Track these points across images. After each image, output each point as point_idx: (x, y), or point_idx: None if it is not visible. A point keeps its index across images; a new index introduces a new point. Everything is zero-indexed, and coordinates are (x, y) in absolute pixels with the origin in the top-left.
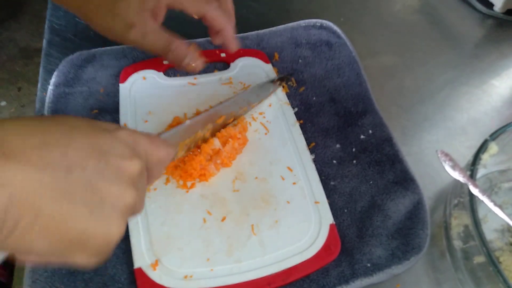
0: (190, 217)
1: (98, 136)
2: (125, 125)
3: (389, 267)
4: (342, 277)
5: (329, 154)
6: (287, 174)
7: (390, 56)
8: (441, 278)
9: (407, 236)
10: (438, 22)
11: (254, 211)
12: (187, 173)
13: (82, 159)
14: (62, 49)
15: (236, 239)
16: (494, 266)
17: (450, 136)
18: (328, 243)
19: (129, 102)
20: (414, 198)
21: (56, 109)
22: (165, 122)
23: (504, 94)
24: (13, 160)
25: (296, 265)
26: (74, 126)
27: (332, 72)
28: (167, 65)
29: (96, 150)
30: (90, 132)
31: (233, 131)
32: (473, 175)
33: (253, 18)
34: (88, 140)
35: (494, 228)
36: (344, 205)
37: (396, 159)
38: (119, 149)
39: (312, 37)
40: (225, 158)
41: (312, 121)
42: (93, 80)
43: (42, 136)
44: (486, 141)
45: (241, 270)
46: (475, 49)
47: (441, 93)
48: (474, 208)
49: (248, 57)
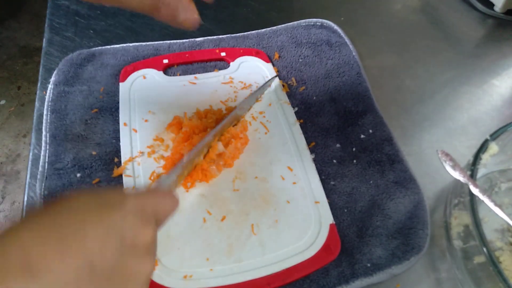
0: (189, 216)
1: (109, 217)
2: (125, 124)
3: (389, 267)
4: (342, 277)
5: (329, 154)
6: (287, 173)
7: (391, 56)
8: (441, 278)
9: (407, 236)
10: (439, 22)
11: (254, 211)
12: (187, 176)
13: (101, 249)
14: (62, 48)
15: (236, 239)
16: (494, 266)
17: (450, 136)
18: (328, 243)
19: (129, 101)
20: (414, 198)
21: (56, 108)
22: (165, 121)
23: (505, 94)
24: (37, 275)
25: (296, 265)
26: (84, 211)
27: (332, 72)
28: (167, 64)
29: (110, 233)
30: (101, 215)
31: (235, 131)
32: (473, 175)
33: (254, 18)
34: (101, 226)
35: (494, 228)
36: (344, 205)
37: (396, 158)
38: (130, 223)
39: (313, 36)
40: (228, 159)
41: (312, 121)
42: (93, 79)
43: (59, 237)
44: (487, 141)
45: (241, 270)
46: (476, 48)
47: (442, 92)
48: (474, 208)
49: (249, 56)
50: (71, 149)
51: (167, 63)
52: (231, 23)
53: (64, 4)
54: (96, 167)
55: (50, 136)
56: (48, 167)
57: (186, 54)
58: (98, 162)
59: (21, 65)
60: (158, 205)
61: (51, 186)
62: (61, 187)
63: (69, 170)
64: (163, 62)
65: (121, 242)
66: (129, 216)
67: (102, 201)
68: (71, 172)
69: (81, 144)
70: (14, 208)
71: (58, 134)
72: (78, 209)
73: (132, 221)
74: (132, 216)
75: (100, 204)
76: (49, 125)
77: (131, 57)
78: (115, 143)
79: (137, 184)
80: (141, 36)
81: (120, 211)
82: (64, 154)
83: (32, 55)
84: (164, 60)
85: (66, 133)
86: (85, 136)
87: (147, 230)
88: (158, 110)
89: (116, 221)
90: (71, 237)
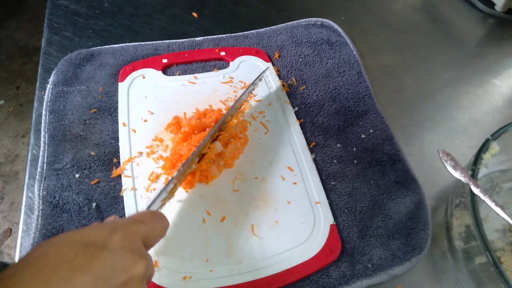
0: (189, 217)
1: (97, 260)
2: (124, 124)
3: (390, 267)
4: (342, 277)
5: (329, 154)
6: (287, 173)
7: (391, 55)
8: (442, 278)
9: (408, 236)
10: (439, 21)
11: (254, 211)
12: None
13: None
14: (61, 47)
15: (236, 240)
16: (496, 266)
17: (451, 136)
18: (329, 243)
19: (128, 101)
20: (415, 198)
21: (55, 108)
22: (164, 121)
23: (506, 93)
24: None
25: (297, 266)
26: (70, 258)
27: (332, 71)
28: (166, 64)
29: (100, 280)
30: (88, 260)
31: (234, 131)
32: (474, 175)
33: (253, 17)
34: (90, 273)
35: (496, 228)
36: (345, 205)
37: (397, 158)
38: (120, 262)
39: (313, 35)
40: (228, 159)
41: (312, 121)
42: (91, 79)
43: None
44: (488, 141)
45: (241, 271)
46: (476, 48)
47: (442, 92)
48: (475, 208)
49: (248, 55)
50: (69, 150)
51: (166, 62)
52: (230, 22)
53: (63, 4)
54: (95, 168)
55: (48, 136)
56: (47, 167)
57: (185, 53)
58: (97, 162)
59: (20, 65)
60: (148, 232)
61: (50, 187)
62: (59, 187)
63: (68, 171)
64: (162, 61)
65: (113, 284)
66: (117, 255)
67: (88, 242)
68: (69, 173)
69: (80, 145)
70: (13, 209)
71: (56, 135)
72: (64, 256)
73: (121, 259)
74: (121, 254)
75: (86, 246)
76: (48, 126)
77: (130, 57)
78: (114, 144)
79: (136, 185)
80: (140, 36)
81: (108, 251)
82: (62, 155)
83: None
84: (163, 59)
85: (64, 134)
86: (84, 137)
87: (138, 265)
88: (157, 110)
89: (105, 264)
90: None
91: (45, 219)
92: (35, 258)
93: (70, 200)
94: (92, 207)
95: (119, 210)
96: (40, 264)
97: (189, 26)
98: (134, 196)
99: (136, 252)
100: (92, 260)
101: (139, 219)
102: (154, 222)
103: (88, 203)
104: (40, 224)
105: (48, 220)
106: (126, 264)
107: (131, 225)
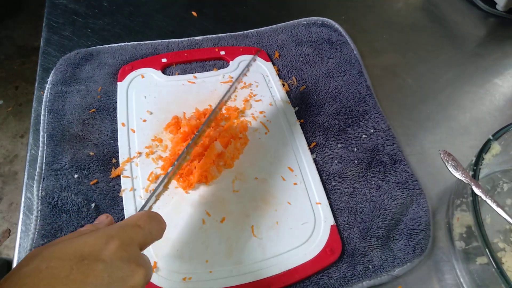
0: (188, 218)
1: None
2: (123, 124)
3: (391, 268)
4: (343, 278)
5: (330, 154)
6: (287, 174)
7: (392, 55)
8: (444, 279)
9: (409, 237)
10: (441, 21)
11: (254, 212)
12: (187, 179)
13: None
14: (60, 47)
15: (236, 241)
16: (497, 267)
17: (452, 136)
18: (329, 244)
19: (127, 101)
20: (416, 199)
21: (53, 108)
22: (164, 121)
23: (507, 93)
24: None
25: (297, 267)
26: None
27: (333, 71)
28: (166, 63)
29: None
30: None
31: (234, 131)
32: (475, 175)
33: (253, 16)
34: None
35: (497, 229)
36: (345, 206)
37: (398, 159)
38: (117, 273)
39: (313, 35)
40: (228, 159)
41: (313, 121)
42: (90, 78)
43: None
44: (489, 141)
45: (241, 272)
46: (478, 47)
47: (444, 92)
48: (476, 208)
49: (248, 55)
50: (68, 150)
51: (165, 62)
52: (230, 21)
53: (62, 3)
54: (94, 168)
55: (47, 136)
56: (46, 168)
57: (185, 53)
58: (96, 163)
59: (19, 65)
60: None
61: (49, 187)
62: (58, 188)
63: (67, 171)
64: (161, 61)
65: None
66: (114, 266)
67: (82, 254)
68: (68, 173)
69: (79, 145)
70: (11, 209)
71: (55, 135)
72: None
73: (119, 271)
74: (119, 265)
75: (81, 260)
76: (47, 126)
77: (129, 56)
78: (113, 144)
79: (135, 185)
80: (139, 35)
81: (104, 263)
82: (61, 155)
83: (30, 55)
84: (162, 59)
85: (63, 134)
86: (83, 137)
87: (137, 275)
88: (156, 110)
89: (102, 278)
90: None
91: (44, 219)
92: (26, 276)
93: (69, 201)
94: (91, 208)
95: (118, 211)
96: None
97: (189, 25)
98: (133, 197)
99: (134, 262)
100: (88, 275)
101: (135, 223)
102: (150, 224)
103: (87, 204)
104: (39, 224)
105: (47, 220)
106: (124, 276)
107: (127, 231)
